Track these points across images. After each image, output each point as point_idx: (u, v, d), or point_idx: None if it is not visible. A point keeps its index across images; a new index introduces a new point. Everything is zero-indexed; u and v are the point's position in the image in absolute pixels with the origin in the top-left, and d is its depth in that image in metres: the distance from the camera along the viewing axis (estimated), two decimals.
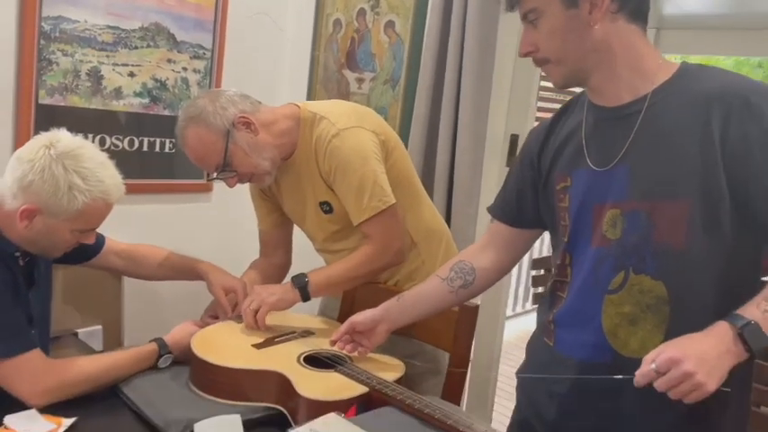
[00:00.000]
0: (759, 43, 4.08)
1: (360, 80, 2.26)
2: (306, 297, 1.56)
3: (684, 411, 0.97)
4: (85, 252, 1.53)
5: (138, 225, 2.08)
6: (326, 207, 1.62)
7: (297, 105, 1.62)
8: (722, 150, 0.95)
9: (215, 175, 1.56)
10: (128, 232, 2.01)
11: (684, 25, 4.45)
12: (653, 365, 0.89)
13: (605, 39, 1.01)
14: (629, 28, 1.02)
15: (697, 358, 0.87)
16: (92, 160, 1.28)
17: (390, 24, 2.16)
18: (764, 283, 0.98)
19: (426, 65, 1.99)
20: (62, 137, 1.28)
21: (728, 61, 8.19)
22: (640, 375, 0.91)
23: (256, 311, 1.49)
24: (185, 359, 1.39)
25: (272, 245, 1.80)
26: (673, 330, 1.00)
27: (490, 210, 1.34)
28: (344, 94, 2.31)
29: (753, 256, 1.03)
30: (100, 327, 2.05)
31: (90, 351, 1.86)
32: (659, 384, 0.89)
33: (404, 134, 2.07)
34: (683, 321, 0.99)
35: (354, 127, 1.53)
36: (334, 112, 1.58)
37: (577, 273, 1.11)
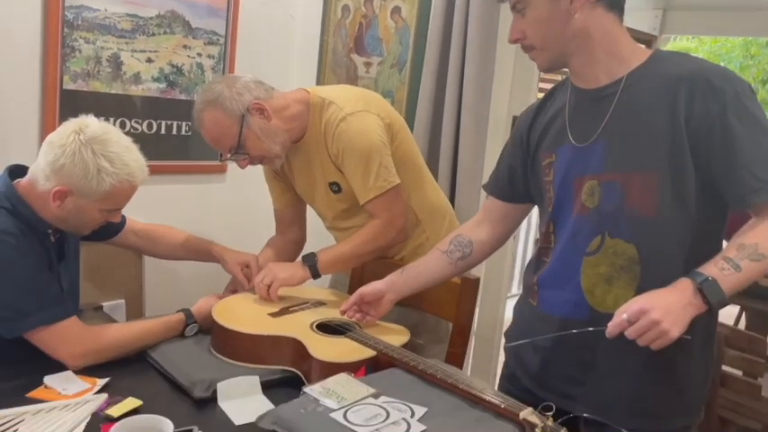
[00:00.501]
0: (766, 23, 4.10)
1: (367, 64, 2.34)
2: (316, 274, 1.67)
3: (652, 361, 1.09)
4: (108, 230, 1.63)
5: (155, 204, 2.18)
6: (335, 187, 1.71)
7: (307, 91, 1.70)
8: (687, 127, 1.06)
9: (228, 156, 1.65)
10: (146, 211, 2.11)
11: (691, 6, 4.45)
12: (624, 316, 1.00)
13: (585, 26, 1.12)
14: (607, 17, 1.13)
15: (663, 309, 0.98)
16: (118, 144, 1.37)
17: (397, 10, 2.23)
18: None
19: (431, 49, 2.06)
20: (90, 123, 1.37)
21: (737, 40, 8.15)
22: (613, 326, 1.02)
23: (269, 286, 1.60)
24: (208, 328, 1.50)
25: (287, 222, 1.90)
26: (643, 288, 1.10)
27: (485, 187, 1.46)
28: (352, 78, 2.39)
29: (715, 222, 1.13)
30: (122, 300, 2.17)
31: (114, 322, 1.97)
32: (630, 332, 1.00)
33: (410, 116, 2.15)
34: (651, 280, 1.09)
35: (361, 111, 1.62)
36: (341, 97, 1.66)
37: (560, 238, 1.22)
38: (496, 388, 1.31)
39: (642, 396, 1.16)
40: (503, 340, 2.30)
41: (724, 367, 2.20)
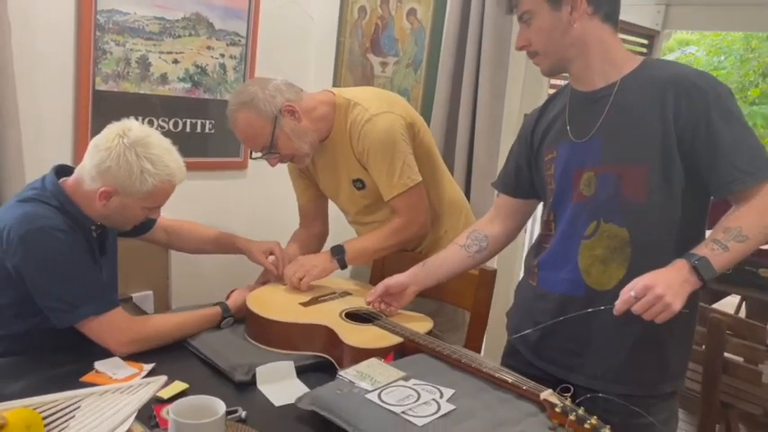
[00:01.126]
0: (766, 18, 4.17)
1: (383, 64, 2.43)
2: (343, 266, 1.77)
3: (640, 335, 1.23)
4: (142, 227, 1.71)
5: (180, 199, 2.25)
6: (359, 184, 1.80)
7: (332, 92, 1.79)
8: (675, 124, 1.19)
9: (260, 154, 1.74)
10: (171, 206, 2.19)
11: (693, 1, 4.52)
12: (632, 293, 1.12)
13: (582, 35, 1.26)
14: (602, 27, 1.27)
15: (665, 284, 1.11)
16: (159, 147, 1.45)
17: (412, 12, 2.31)
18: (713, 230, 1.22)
19: (447, 50, 2.15)
20: (133, 126, 1.45)
21: (738, 34, 8.19)
22: (621, 302, 1.14)
23: (300, 279, 1.69)
24: (241, 318, 1.60)
25: (311, 217, 1.99)
26: (634, 267, 1.24)
27: (494, 185, 1.60)
28: (369, 77, 2.47)
29: (699, 209, 1.28)
30: (150, 292, 2.26)
31: (143, 313, 2.06)
32: (637, 307, 1.12)
33: (425, 115, 2.23)
34: (642, 260, 1.23)
35: (385, 112, 1.71)
36: (366, 98, 1.75)
37: (560, 225, 1.35)
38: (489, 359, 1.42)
39: (632, 366, 1.29)
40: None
41: (726, 354, 2.29)
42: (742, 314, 3.90)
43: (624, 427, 1.15)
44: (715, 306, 2.65)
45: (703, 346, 2.32)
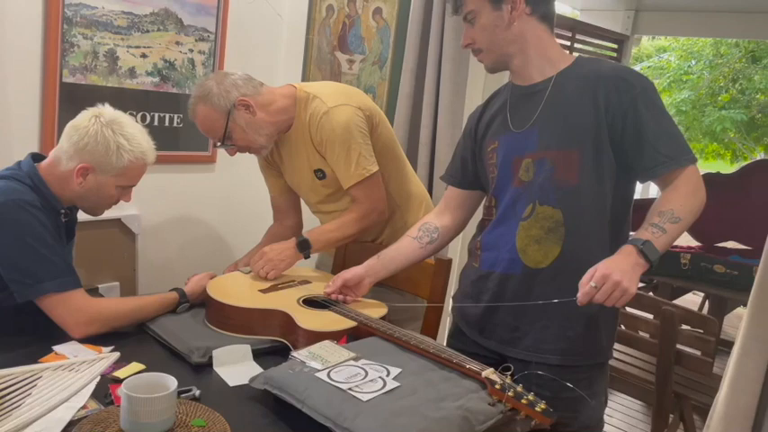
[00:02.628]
0: (735, 25, 4.29)
1: (350, 61, 2.48)
2: (307, 256, 1.84)
3: (572, 310, 1.29)
4: None
5: (149, 192, 2.31)
6: (320, 174, 1.86)
7: (294, 86, 1.85)
8: (606, 114, 1.30)
9: (218, 144, 1.81)
10: (145, 199, 2.24)
11: (662, 7, 4.63)
12: (592, 283, 1.21)
13: (521, 33, 1.37)
14: (540, 26, 1.38)
15: (620, 271, 1.21)
16: (132, 126, 1.55)
17: (378, 11, 2.37)
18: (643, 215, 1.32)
19: (410, 49, 2.21)
20: (106, 109, 1.55)
21: (708, 40, 8.37)
22: (583, 294, 1.22)
23: (268, 273, 1.75)
24: (199, 303, 1.64)
25: (284, 210, 2.05)
26: (567, 244, 1.35)
27: (442, 177, 1.68)
28: (336, 74, 2.52)
29: (626, 192, 1.39)
30: (117, 283, 2.29)
31: None
32: (598, 296, 1.21)
33: (390, 111, 2.30)
34: (574, 238, 1.35)
35: (342, 105, 1.77)
36: (325, 92, 1.81)
37: (500, 209, 1.43)
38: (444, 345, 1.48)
39: (564, 337, 1.38)
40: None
41: (679, 346, 2.38)
42: (705, 312, 4.02)
43: (557, 400, 1.21)
44: (675, 302, 2.74)
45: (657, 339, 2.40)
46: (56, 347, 1.41)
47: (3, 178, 1.48)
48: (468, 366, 1.27)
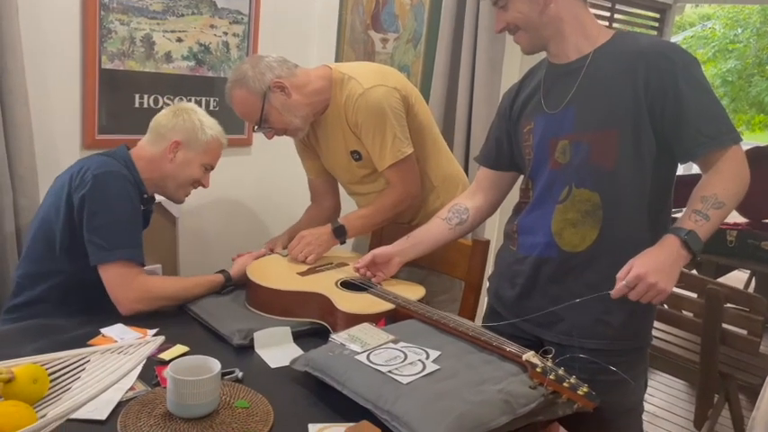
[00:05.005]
0: None
1: (384, 40, 2.45)
2: (343, 242, 1.85)
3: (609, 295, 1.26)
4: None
5: None
6: (356, 155, 1.85)
7: (329, 67, 1.83)
8: (645, 92, 1.24)
9: (256, 128, 1.82)
10: None
11: None
12: (624, 282, 1.19)
13: (557, 14, 1.32)
14: (576, 3, 1.33)
15: (656, 270, 1.17)
16: (204, 113, 1.72)
17: None
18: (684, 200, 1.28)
19: (445, 25, 2.16)
20: (180, 103, 1.73)
21: (755, 6, 8.01)
22: (616, 291, 1.21)
23: (306, 258, 1.76)
24: (243, 284, 1.66)
25: (321, 192, 2.05)
26: (605, 228, 1.31)
27: (476, 159, 1.64)
28: (370, 54, 2.50)
29: (666, 174, 1.33)
30: (159, 265, 2.33)
31: None
32: (632, 296, 1.19)
33: (425, 89, 2.26)
34: (612, 222, 1.31)
35: (378, 85, 1.75)
36: (361, 72, 1.79)
37: (536, 191, 1.40)
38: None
39: (602, 322, 1.35)
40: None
41: (724, 325, 2.32)
42: (751, 290, 3.91)
43: (595, 383, 1.20)
44: (720, 280, 2.66)
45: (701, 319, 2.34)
46: (103, 330, 1.45)
47: (106, 155, 1.63)
48: (508, 349, 1.26)
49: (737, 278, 4.41)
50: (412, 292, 1.60)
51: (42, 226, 1.59)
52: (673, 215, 1.38)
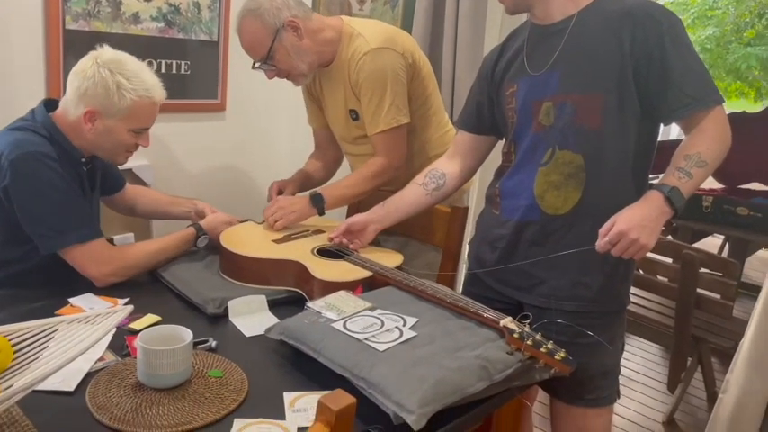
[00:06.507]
0: None
1: (361, 1, 2.38)
2: (322, 213, 1.80)
3: (587, 257, 1.28)
4: (116, 183, 1.80)
5: (160, 141, 2.27)
6: (354, 115, 1.81)
7: (341, 19, 1.78)
8: (631, 53, 1.22)
9: (257, 65, 1.74)
10: (151, 148, 2.19)
11: None
12: (606, 239, 1.19)
13: None
14: None
15: (638, 226, 1.17)
16: (133, 64, 1.49)
17: None
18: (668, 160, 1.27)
19: None
20: (105, 50, 1.49)
21: None
22: (599, 247, 1.21)
23: (276, 221, 1.72)
24: (216, 239, 1.63)
25: (325, 143, 2.01)
26: (588, 190, 1.30)
27: (455, 123, 1.61)
28: (346, 15, 2.42)
29: (649, 137, 1.33)
30: (131, 234, 2.28)
31: None
32: (614, 252, 1.19)
33: None
34: (595, 184, 1.30)
35: (385, 48, 1.70)
36: (370, 31, 1.74)
37: (518, 154, 1.38)
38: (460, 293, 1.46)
39: (581, 284, 1.35)
40: None
41: (698, 290, 2.35)
42: (724, 255, 3.97)
43: (573, 345, 1.21)
44: (695, 245, 2.69)
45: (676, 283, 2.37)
46: (72, 300, 1.41)
47: (18, 130, 1.45)
48: (485, 315, 1.25)
49: (712, 243, 4.48)
50: (389, 260, 1.58)
51: None
52: (650, 181, 1.37)
